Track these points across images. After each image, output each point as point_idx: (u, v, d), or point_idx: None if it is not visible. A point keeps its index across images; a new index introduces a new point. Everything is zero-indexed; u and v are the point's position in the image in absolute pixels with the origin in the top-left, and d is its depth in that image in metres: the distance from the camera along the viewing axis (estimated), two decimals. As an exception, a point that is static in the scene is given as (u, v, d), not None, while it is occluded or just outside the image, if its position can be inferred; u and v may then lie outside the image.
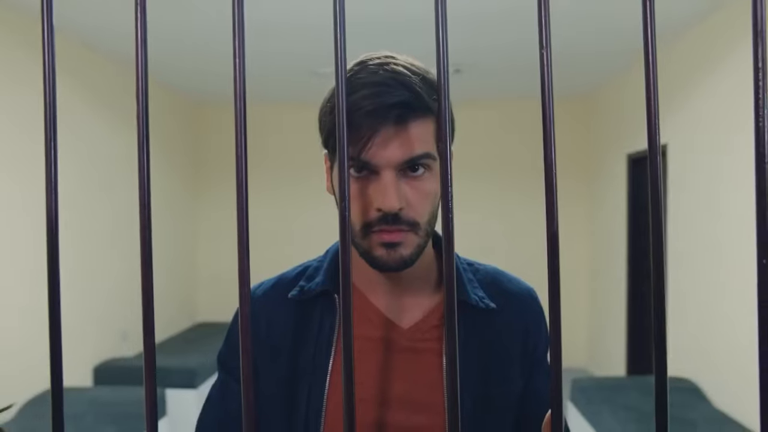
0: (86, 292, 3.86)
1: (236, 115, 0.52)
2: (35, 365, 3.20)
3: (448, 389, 0.68)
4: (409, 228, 0.74)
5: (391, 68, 0.73)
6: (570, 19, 3.25)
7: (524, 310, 0.89)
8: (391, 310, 0.84)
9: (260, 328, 0.85)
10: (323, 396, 0.80)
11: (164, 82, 4.79)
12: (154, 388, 0.58)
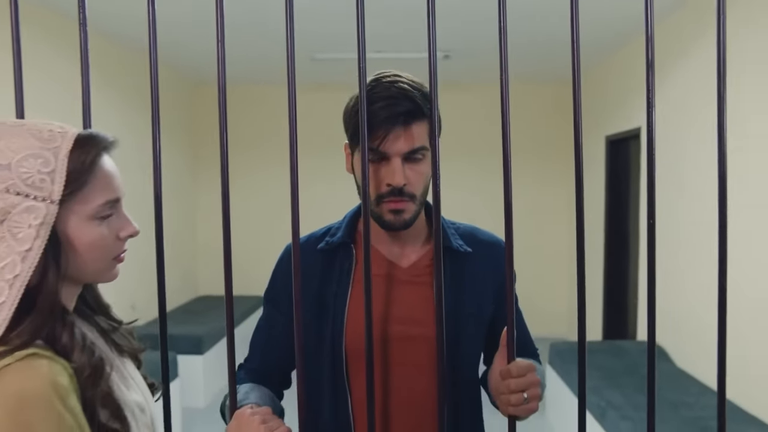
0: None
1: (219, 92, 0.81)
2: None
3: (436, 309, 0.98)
4: (409, 199, 1.05)
5: (399, 86, 1.04)
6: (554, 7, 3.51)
7: (493, 254, 1.20)
8: (393, 256, 1.15)
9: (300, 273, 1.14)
10: (344, 318, 1.11)
11: (165, 62, 5.00)
12: (166, 352, 0.85)
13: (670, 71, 3.74)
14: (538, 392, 0.98)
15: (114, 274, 0.80)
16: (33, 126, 0.73)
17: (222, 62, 0.96)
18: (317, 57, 4.76)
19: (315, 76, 5.36)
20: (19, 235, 0.68)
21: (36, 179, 0.69)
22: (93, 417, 0.71)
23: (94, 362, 0.74)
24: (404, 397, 1.11)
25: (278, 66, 5.10)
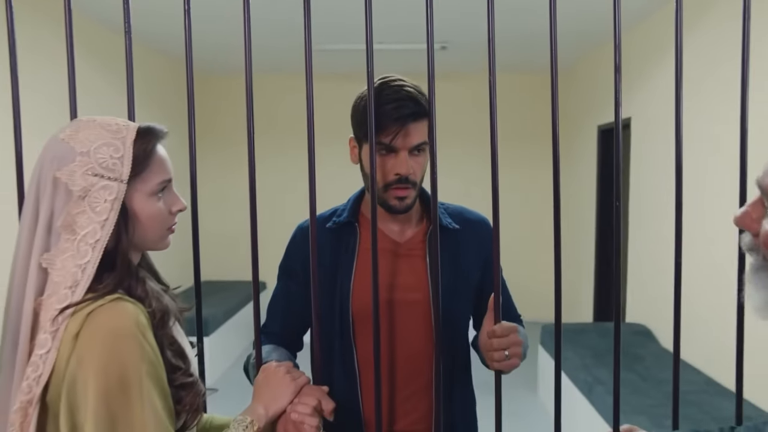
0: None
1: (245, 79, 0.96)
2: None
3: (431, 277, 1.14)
4: (412, 186, 1.22)
5: (405, 90, 1.20)
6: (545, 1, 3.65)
7: (478, 230, 1.37)
8: (392, 233, 1.32)
9: (308, 249, 1.29)
10: (350, 286, 1.27)
11: (170, 52, 5.13)
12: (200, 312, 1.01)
13: (664, 57, 3.88)
14: (520, 351, 1.14)
15: (167, 243, 0.96)
16: (102, 121, 0.88)
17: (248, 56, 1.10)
18: (322, 48, 4.90)
19: (319, 66, 5.48)
20: (98, 208, 0.84)
21: (109, 163, 0.85)
22: (162, 354, 0.87)
23: (162, 308, 0.91)
24: (403, 352, 1.28)
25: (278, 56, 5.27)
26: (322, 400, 1.06)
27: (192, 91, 1.15)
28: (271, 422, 1.03)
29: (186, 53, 1.13)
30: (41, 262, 0.83)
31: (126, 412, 0.80)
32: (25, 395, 0.80)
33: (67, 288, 0.82)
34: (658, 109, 3.95)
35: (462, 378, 1.36)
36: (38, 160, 0.86)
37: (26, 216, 0.85)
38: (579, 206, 5.61)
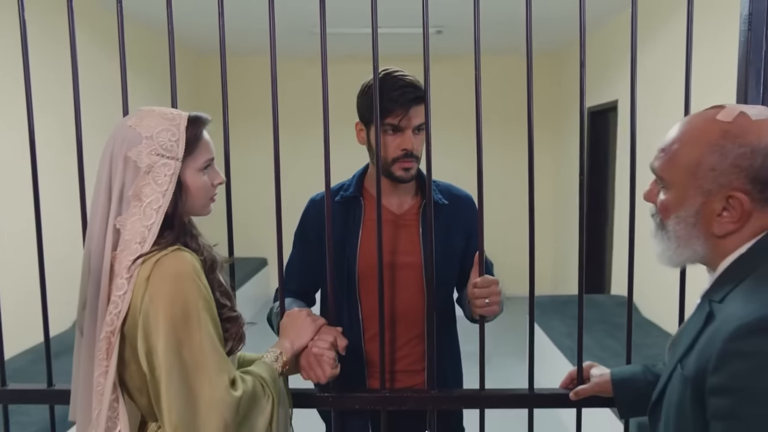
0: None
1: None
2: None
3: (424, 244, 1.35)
4: (415, 160, 1.44)
5: (407, 79, 1.41)
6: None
7: (464, 206, 1.59)
8: (391, 206, 1.53)
9: (320, 219, 1.51)
10: (356, 251, 1.49)
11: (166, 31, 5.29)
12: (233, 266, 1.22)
13: (648, 40, 4.07)
14: (498, 299, 1.36)
15: (209, 210, 1.17)
16: (160, 111, 1.09)
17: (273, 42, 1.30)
18: (315, 31, 5.06)
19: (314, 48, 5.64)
20: (159, 181, 1.05)
21: (168, 145, 1.06)
22: (212, 293, 1.09)
23: (211, 258, 1.12)
24: (400, 306, 1.51)
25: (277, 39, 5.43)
26: (337, 338, 1.28)
27: (225, 78, 1.35)
28: (295, 355, 1.26)
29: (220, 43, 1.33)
30: (116, 224, 1.05)
31: (188, 337, 1.02)
32: (108, 326, 1.02)
33: (137, 243, 1.04)
34: (644, 91, 4.15)
35: (449, 328, 1.60)
36: (109, 143, 1.07)
37: (100, 188, 1.06)
38: (569, 185, 5.83)
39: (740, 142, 0.87)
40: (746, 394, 0.77)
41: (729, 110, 0.90)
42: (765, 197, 0.86)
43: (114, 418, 1.05)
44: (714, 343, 0.82)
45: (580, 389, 1.34)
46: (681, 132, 0.94)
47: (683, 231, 0.93)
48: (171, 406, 1.01)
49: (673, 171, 0.94)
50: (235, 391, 1.05)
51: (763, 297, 0.81)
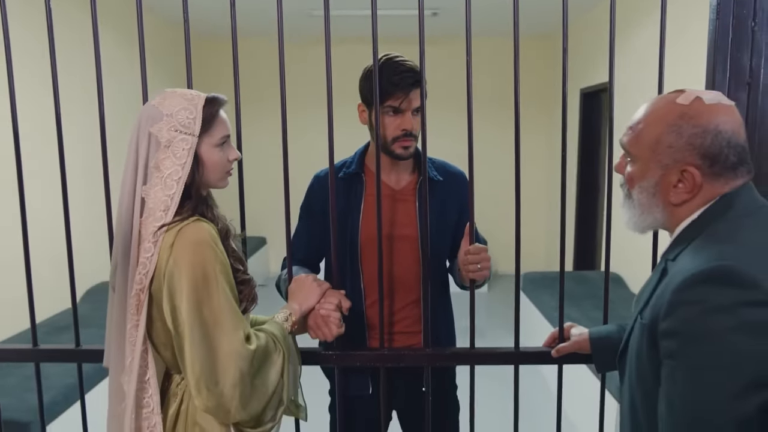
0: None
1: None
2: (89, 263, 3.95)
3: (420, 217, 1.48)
4: (414, 139, 1.55)
5: (407, 65, 1.52)
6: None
7: (457, 181, 1.71)
8: (390, 182, 1.65)
9: (324, 194, 1.63)
10: (358, 224, 1.61)
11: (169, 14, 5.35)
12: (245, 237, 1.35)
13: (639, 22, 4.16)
14: (488, 265, 1.49)
15: (226, 183, 1.29)
16: (181, 92, 1.20)
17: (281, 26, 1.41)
18: (314, 14, 5.14)
19: (312, 31, 5.72)
20: (178, 154, 1.16)
21: (186, 122, 1.17)
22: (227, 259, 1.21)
23: (226, 228, 1.25)
24: (398, 273, 1.64)
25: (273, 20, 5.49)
26: (341, 300, 1.41)
27: (237, 61, 1.46)
28: (303, 316, 1.39)
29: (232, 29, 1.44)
30: (141, 194, 1.17)
31: (207, 297, 1.14)
32: (138, 285, 1.15)
33: (161, 211, 1.16)
34: (636, 72, 4.26)
35: (442, 294, 1.73)
36: (137, 120, 1.19)
37: (129, 162, 1.18)
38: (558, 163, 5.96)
39: (694, 123, 0.99)
40: (690, 335, 0.90)
41: (687, 95, 1.03)
42: (713, 171, 1.00)
43: (144, 366, 1.18)
44: (665, 295, 0.95)
45: (560, 347, 1.47)
46: (646, 112, 1.07)
47: (645, 199, 1.07)
48: (193, 358, 1.14)
49: (638, 147, 1.06)
50: (249, 345, 1.18)
51: (707, 253, 0.94)
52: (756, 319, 0.87)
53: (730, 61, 1.39)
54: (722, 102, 1.01)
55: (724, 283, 0.89)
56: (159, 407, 1.20)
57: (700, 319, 0.90)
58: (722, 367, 0.88)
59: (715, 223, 0.99)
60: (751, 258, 0.92)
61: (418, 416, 1.66)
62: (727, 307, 0.88)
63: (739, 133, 1.00)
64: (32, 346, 1.56)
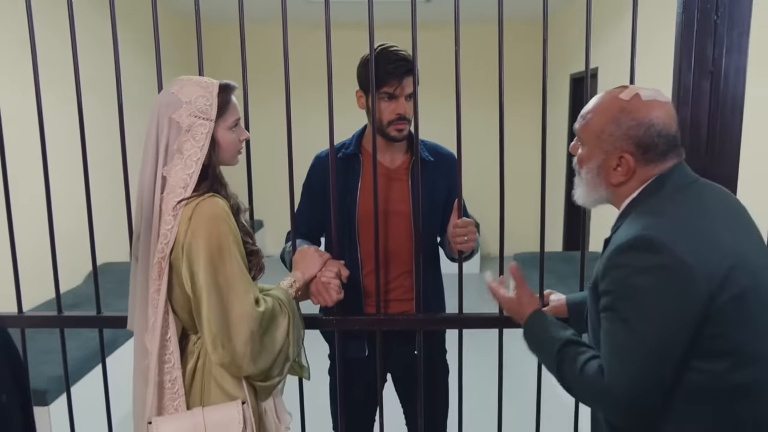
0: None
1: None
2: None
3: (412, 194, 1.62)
4: (407, 122, 1.69)
5: (401, 54, 1.65)
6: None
7: (447, 162, 1.85)
8: (385, 161, 1.79)
9: (324, 173, 1.76)
10: (356, 200, 1.75)
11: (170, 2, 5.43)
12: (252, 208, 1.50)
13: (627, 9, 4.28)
14: (474, 237, 1.63)
15: (237, 161, 1.41)
16: (196, 80, 1.32)
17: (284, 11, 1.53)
18: (312, 0, 5.23)
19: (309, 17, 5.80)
20: (197, 137, 1.29)
21: (204, 108, 1.30)
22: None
23: (237, 203, 1.38)
24: (392, 246, 1.78)
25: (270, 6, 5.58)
26: (341, 268, 1.55)
27: (244, 48, 1.59)
28: (305, 284, 1.53)
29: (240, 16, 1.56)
30: (163, 173, 1.30)
31: (222, 265, 1.28)
32: (160, 253, 1.29)
33: (181, 188, 1.29)
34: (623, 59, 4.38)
35: (433, 265, 1.88)
36: (155, 107, 1.31)
37: (149, 144, 1.31)
38: (552, 148, 6.10)
39: (632, 116, 1.16)
40: (620, 293, 1.09)
41: (629, 91, 1.19)
42: (645, 158, 1.17)
43: (165, 326, 1.32)
44: (604, 260, 1.13)
45: (540, 312, 1.62)
46: (594, 104, 1.24)
47: (591, 179, 1.24)
48: (210, 319, 1.28)
49: (586, 133, 1.23)
50: (259, 308, 1.32)
51: (636, 226, 1.11)
52: (668, 279, 1.05)
53: (694, 52, 1.53)
54: (657, 99, 1.18)
55: (645, 250, 1.07)
56: (179, 362, 1.34)
57: (627, 280, 1.08)
58: (643, 316, 1.06)
59: (649, 199, 1.17)
60: (669, 229, 1.09)
61: (411, 378, 1.81)
62: (647, 269, 1.06)
63: (670, 125, 1.17)
64: (57, 314, 1.69)
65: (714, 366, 1.08)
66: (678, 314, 1.05)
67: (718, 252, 1.07)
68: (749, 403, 1.10)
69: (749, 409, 1.10)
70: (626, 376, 1.07)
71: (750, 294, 1.08)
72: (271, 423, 1.44)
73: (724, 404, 1.10)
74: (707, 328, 1.06)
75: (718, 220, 1.14)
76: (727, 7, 1.50)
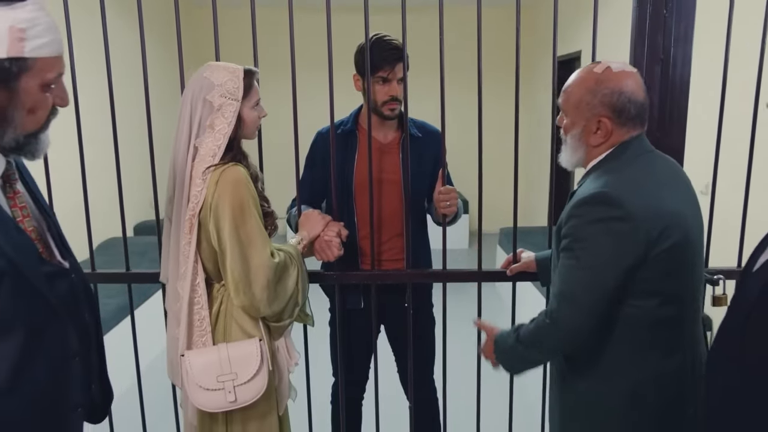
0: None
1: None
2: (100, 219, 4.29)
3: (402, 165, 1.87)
4: (398, 103, 1.92)
5: (393, 44, 1.88)
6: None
7: (433, 137, 2.08)
8: (379, 137, 2.03)
9: (325, 147, 1.99)
10: (353, 171, 2.00)
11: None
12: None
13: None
14: (456, 202, 1.87)
15: (255, 135, 1.65)
16: (224, 65, 1.54)
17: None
18: (306, -16, 5.39)
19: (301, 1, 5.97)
20: (226, 115, 1.52)
21: (233, 90, 1.52)
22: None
23: (255, 172, 1.61)
24: (385, 212, 2.03)
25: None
26: (341, 229, 1.80)
27: (255, 31, 1.81)
28: (310, 242, 1.77)
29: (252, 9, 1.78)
30: (195, 144, 1.53)
31: (243, 222, 1.52)
32: (191, 212, 1.52)
33: (210, 157, 1.52)
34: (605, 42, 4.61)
35: (421, 229, 2.13)
36: (188, 89, 1.54)
37: (184, 120, 1.53)
38: (539, 128, 6.35)
39: (605, 86, 1.37)
40: (576, 236, 1.33)
41: (601, 65, 1.40)
42: (620, 121, 1.38)
43: (195, 273, 1.56)
44: (568, 210, 1.37)
45: (513, 267, 1.88)
46: (573, 79, 1.45)
47: (574, 143, 1.45)
48: (233, 268, 1.52)
49: (568, 105, 1.44)
50: (274, 259, 1.57)
51: (596, 183, 1.34)
52: (618, 228, 1.29)
53: (647, 41, 1.77)
54: (625, 69, 1.39)
55: (601, 203, 1.30)
56: (207, 304, 1.58)
57: (583, 226, 1.32)
58: (592, 255, 1.31)
59: (611, 162, 1.39)
60: (623, 187, 1.32)
61: (402, 329, 2.06)
62: (601, 219, 1.30)
63: (638, 93, 1.38)
64: (91, 270, 1.93)
65: (645, 303, 1.33)
66: (620, 256, 1.29)
67: (660, 211, 1.31)
68: (672, 331, 1.36)
69: (672, 335, 1.37)
70: (572, 302, 1.32)
71: (679, 247, 1.32)
72: (282, 358, 1.69)
73: (653, 332, 1.35)
74: (642, 272, 1.31)
75: (664, 185, 1.37)
76: (675, 4, 1.74)
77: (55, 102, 1.06)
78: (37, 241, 1.10)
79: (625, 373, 1.37)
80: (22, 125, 1.01)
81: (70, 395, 1.15)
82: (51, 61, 1.01)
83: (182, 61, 1.82)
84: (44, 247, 1.12)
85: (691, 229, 1.36)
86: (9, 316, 1.00)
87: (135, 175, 5.16)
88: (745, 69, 1.97)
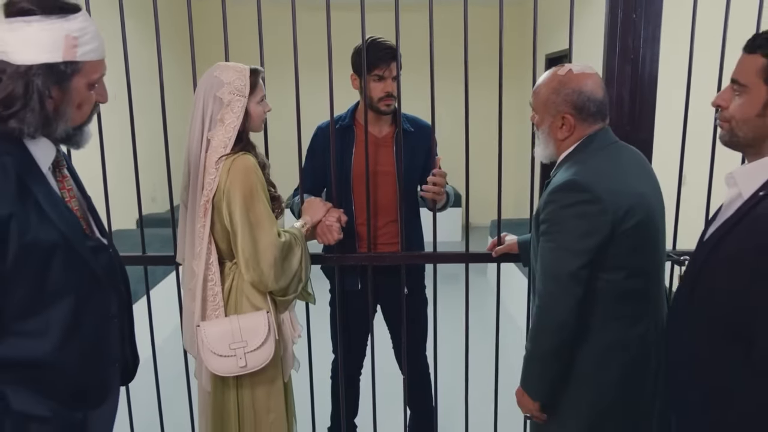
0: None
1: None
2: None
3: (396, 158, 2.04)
4: (393, 99, 2.09)
5: (387, 44, 2.06)
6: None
7: (425, 133, 2.24)
8: (374, 131, 2.20)
9: (325, 141, 2.16)
10: (351, 163, 2.17)
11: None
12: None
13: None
14: (443, 182, 2.04)
15: (261, 128, 1.82)
16: (231, 65, 1.71)
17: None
18: (304, -17, 5.55)
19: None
20: (235, 110, 1.68)
21: (240, 87, 1.68)
22: None
23: (263, 161, 1.78)
24: (380, 200, 2.20)
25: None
26: (340, 215, 1.97)
27: (261, 27, 1.97)
28: (312, 226, 1.94)
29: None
30: (208, 137, 1.70)
31: (252, 206, 1.69)
32: (205, 198, 1.69)
33: (222, 148, 1.69)
34: (590, 41, 4.79)
35: (413, 216, 2.30)
36: (200, 86, 1.70)
37: (197, 115, 1.70)
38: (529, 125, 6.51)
39: (567, 86, 1.54)
40: (552, 222, 1.50)
41: (564, 68, 1.58)
42: (581, 117, 1.55)
43: (209, 252, 1.73)
44: (544, 197, 1.54)
45: (497, 249, 2.05)
46: (541, 81, 1.62)
47: (545, 138, 1.63)
48: (243, 247, 1.69)
49: (537, 104, 1.62)
50: (280, 239, 1.74)
51: (568, 172, 1.51)
52: (587, 210, 1.46)
53: (619, 43, 1.94)
54: (585, 71, 1.56)
55: (572, 190, 1.47)
56: (219, 281, 1.75)
57: (557, 211, 1.49)
58: (565, 236, 1.47)
59: (580, 154, 1.56)
60: (591, 174, 1.49)
61: (396, 308, 2.23)
62: (572, 204, 1.47)
63: (597, 91, 1.55)
64: (111, 253, 2.09)
65: (614, 276, 1.50)
66: (591, 235, 1.46)
67: (625, 194, 1.47)
68: (638, 302, 1.54)
69: (638, 305, 1.54)
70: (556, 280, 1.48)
71: (643, 225, 1.50)
72: (287, 330, 1.87)
73: (621, 302, 1.53)
74: (610, 248, 1.48)
75: (628, 172, 1.55)
76: (644, 8, 1.91)
77: (97, 99, 1.23)
78: (81, 219, 1.27)
79: (594, 340, 1.54)
80: (72, 119, 1.19)
81: (110, 351, 1.33)
82: (96, 63, 1.19)
83: (195, 65, 1.98)
84: (87, 225, 1.30)
85: (653, 210, 1.53)
86: (61, 286, 1.17)
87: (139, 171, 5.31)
88: (717, 66, 2.14)
